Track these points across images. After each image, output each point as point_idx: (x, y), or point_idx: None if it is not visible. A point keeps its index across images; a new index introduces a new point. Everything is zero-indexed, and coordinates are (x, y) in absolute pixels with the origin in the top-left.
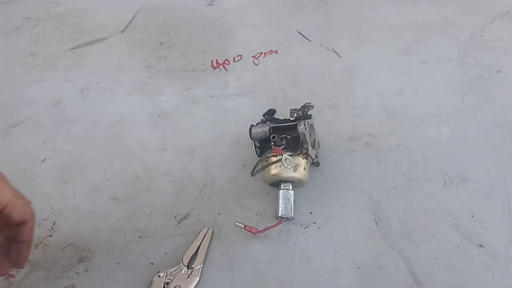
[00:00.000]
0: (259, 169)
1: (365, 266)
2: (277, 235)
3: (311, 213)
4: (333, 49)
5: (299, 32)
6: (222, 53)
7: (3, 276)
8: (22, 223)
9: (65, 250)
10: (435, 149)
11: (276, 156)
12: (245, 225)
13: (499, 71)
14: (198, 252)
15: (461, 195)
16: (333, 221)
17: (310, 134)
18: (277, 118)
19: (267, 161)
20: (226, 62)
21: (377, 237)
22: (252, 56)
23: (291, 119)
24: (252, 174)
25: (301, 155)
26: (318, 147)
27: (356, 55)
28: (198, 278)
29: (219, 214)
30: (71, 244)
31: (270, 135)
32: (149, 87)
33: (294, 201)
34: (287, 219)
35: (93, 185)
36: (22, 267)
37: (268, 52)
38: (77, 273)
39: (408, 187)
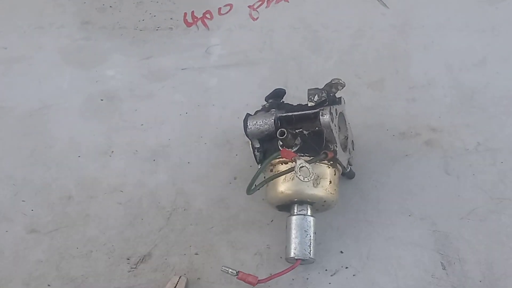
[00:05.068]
0: (260, 184)
1: None
2: (289, 286)
3: (341, 252)
4: None
5: None
6: (201, 2)
7: None
8: None
9: None
10: None
11: (286, 163)
12: (238, 271)
13: None
14: None
15: None
16: (376, 265)
17: (339, 128)
18: (287, 104)
19: (272, 170)
20: (208, 15)
21: None
22: (249, 7)
23: (310, 104)
24: (249, 191)
25: (326, 161)
26: (353, 148)
27: (411, 3)
28: None
29: (196, 254)
30: None
31: (277, 129)
32: (87, 54)
33: (314, 233)
34: (303, 261)
35: None
36: None
37: None
38: None
39: (494, 212)
